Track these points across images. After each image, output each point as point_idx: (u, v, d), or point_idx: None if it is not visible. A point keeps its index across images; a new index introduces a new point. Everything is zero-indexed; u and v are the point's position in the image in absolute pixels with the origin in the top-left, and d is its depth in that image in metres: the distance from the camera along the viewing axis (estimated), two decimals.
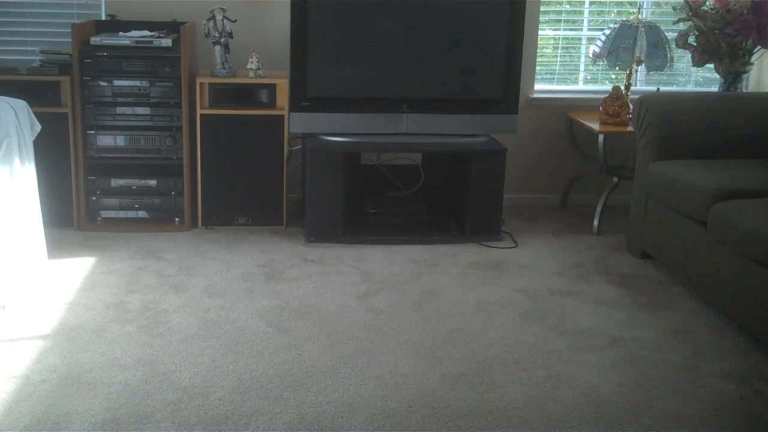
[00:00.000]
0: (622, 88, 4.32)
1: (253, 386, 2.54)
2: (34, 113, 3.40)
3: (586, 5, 4.71)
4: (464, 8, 3.96)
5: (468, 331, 3.02)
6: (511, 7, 3.97)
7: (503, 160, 3.99)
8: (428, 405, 2.48)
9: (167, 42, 3.86)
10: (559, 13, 4.66)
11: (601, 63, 4.36)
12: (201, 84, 3.94)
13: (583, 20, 4.75)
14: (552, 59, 4.76)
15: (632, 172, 3.94)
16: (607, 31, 4.29)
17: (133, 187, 4.01)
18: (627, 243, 3.94)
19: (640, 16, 4.38)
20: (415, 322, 3.08)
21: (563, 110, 4.59)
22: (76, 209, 3.99)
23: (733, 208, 3.03)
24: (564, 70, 4.79)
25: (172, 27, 4.07)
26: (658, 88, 4.53)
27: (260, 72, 4.01)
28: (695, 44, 4.26)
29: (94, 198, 4.00)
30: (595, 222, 4.22)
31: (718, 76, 4.40)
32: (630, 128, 4.07)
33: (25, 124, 3.29)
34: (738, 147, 3.68)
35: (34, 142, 3.38)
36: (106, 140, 3.94)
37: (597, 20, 4.74)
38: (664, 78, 4.74)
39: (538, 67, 4.60)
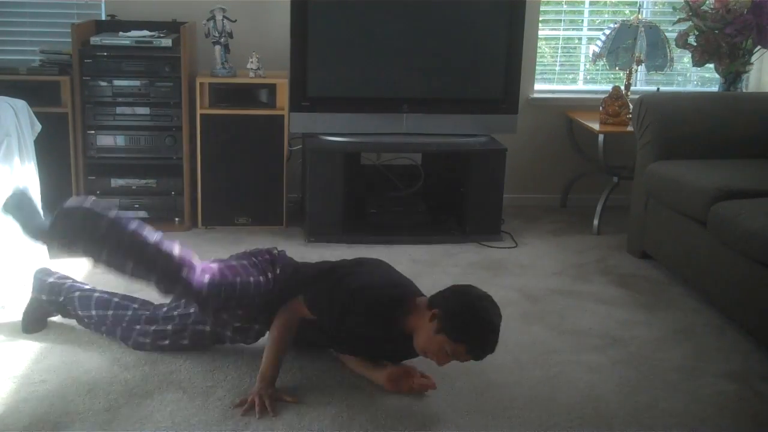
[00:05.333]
0: (622, 88, 4.32)
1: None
2: (34, 113, 3.40)
3: (586, 5, 4.71)
4: (464, 8, 3.96)
5: None
6: (511, 7, 3.97)
7: (503, 160, 3.99)
8: (428, 405, 2.47)
9: (167, 42, 3.86)
10: (559, 13, 4.66)
11: (601, 63, 4.36)
12: (201, 84, 3.94)
13: (582, 20, 4.75)
14: (552, 59, 4.76)
15: (632, 172, 3.94)
16: (607, 31, 4.29)
17: (133, 187, 4.01)
18: (627, 243, 3.94)
19: (640, 16, 4.38)
20: None
21: (563, 110, 4.59)
22: None
23: (733, 208, 3.03)
24: (564, 70, 4.79)
25: (172, 27, 4.07)
26: (658, 88, 4.53)
27: (260, 72, 4.01)
28: (695, 44, 4.26)
29: (93, 198, 4.00)
30: (595, 222, 4.22)
31: (718, 76, 4.40)
32: (630, 128, 4.07)
33: (25, 124, 3.29)
34: (738, 147, 3.68)
35: (34, 142, 3.38)
36: (106, 140, 3.94)
37: (597, 20, 4.74)
38: (664, 78, 4.74)
39: (538, 67, 4.60)
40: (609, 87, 4.39)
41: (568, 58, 4.80)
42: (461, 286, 2.42)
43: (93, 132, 3.94)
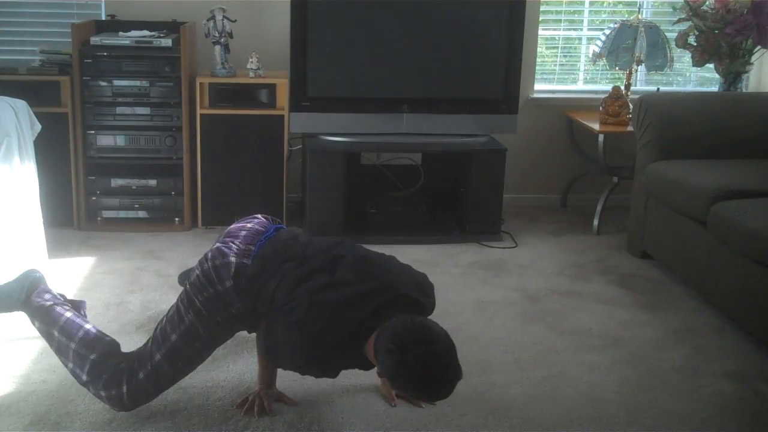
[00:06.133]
0: (622, 88, 4.32)
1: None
2: (34, 113, 3.40)
3: (586, 5, 4.70)
4: (464, 8, 3.96)
5: (468, 331, 3.02)
6: (510, 7, 3.97)
7: (503, 160, 3.99)
8: (428, 405, 2.47)
9: (167, 42, 3.86)
10: (559, 13, 4.66)
11: (601, 63, 4.36)
12: (201, 84, 3.94)
13: (582, 20, 4.75)
14: (552, 59, 4.76)
15: (632, 172, 3.94)
16: (607, 31, 4.29)
17: (133, 187, 4.01)
18: (627, 243, 3.94)
19: (640, 16, 4.38)
20: None
21: (563, 110, 4.59)
22: (76, 209, 3.99)
23: (733, 208, 3.03)
24: (564, 70, 4.79)
25: (172, 27, 4.07)
26: (658, 88, 4.53)
27: (260, 72, 4.01)
28: (695, 44, 4.26)
29: (94, 198, 4.00)
30: (595, 222, 4.22)
31: (718, 76, 4.40)
32: (630, 128, 4.07)
33: (25, 124, 3.29)
34: (738, 147, 3.68)
35: (34, 142, 3.38)
36: (106, 140, 3.94)
37: (596, 20, 4.74)
38: (664, 78, 4.74)
39: (537, 67, 4.60)
40: (609, 87, 4.39)
41: (569, 59, 4.79)
42: (397, 339, 2.02)
43: (93, 132, 3.93)
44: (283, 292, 2.21)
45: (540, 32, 4.55)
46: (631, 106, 4.10)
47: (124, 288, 3.31)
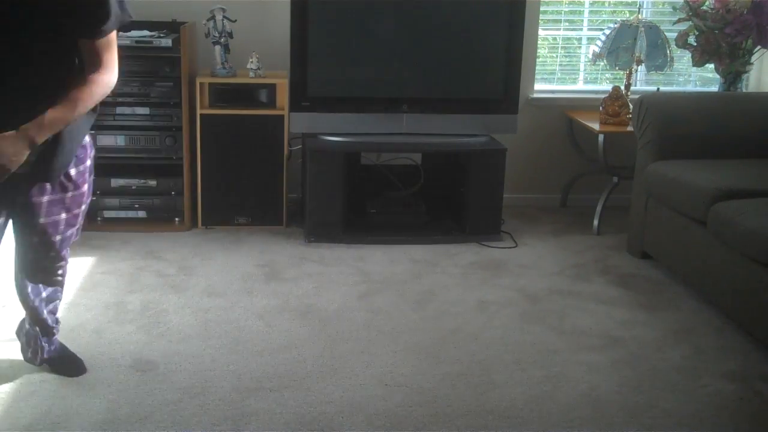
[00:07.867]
0: (622, 88, 4.32)
1: (253, 386, 2.54)
2: None
3: (586, 5, 4.70)
4: (464, 8, 3.96)
5: (468, 331, 3.02)
6: (511, 7, 3.97)
7: (503, 160, 3.99)
8: (428, 405, 2.48)
9: (167, 42, 3.85)
10: (559, 13, 4.66)
11: (601, 63, 4.36)
12: (201, 84, 3.94)
13: (582, 20, 4.75)
14: (552, 59, 4.76)
15: (632, 172, 3.94)
16: (607, 31, 4.29)
17: (133, 187, 4.01)
18: (627, 243, 3.94)
19: (640, 16, 4.38)
20: (415, 322, 3.08)
21: (563, 110, 4.59)
22: None
23: (733, 208, 3.03)
24: (564, 70, 4.79)
25: (172, 27, 4.07)
26: (658, 88, 4.53)
27: (260, 72, 4.01)
28: (695, 44, 4.27)
29: (94, 198, 3.99)
30: (595, 222, 4.22)
31: (718, 76, 4.40)
32: (630, 128, 4.07)
33: None
34: (738, 147, 3.68)
35: None
36: (106, 140, 3.94)
37: (597, 20, 4.74)
38: (664, 78, 4.74)
39: (537, 67, 4.60)
40: (609, 87, 4.39)
41: (570, 59, 4.80)
42: None
43: (93, 132, 3.92)
44: None
45: (540, 32, 4.55)
46: (631, 106, 4.10)
47: (124, 288, 3.31)
